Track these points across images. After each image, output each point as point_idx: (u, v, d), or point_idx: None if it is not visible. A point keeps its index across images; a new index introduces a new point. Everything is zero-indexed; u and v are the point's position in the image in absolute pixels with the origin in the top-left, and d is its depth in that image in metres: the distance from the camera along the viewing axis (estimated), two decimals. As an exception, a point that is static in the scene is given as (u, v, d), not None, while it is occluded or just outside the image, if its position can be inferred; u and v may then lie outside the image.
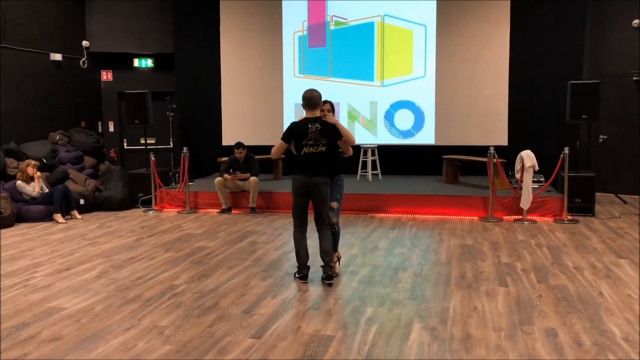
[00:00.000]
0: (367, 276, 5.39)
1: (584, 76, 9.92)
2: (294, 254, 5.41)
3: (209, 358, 3.64)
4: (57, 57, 10.38)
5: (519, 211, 8.01)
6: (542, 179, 8.94)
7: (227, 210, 8.90)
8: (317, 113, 5.10)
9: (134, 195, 9.57)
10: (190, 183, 9.69)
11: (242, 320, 4.30)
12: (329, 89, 10.83)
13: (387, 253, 6.29)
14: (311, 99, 5.06)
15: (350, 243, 6.77)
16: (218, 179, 8.88)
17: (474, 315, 4.34)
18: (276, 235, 7.29)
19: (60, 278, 5.47)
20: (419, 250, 6.39)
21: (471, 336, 3.94)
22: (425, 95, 10.62)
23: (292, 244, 6.46)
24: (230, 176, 8.78)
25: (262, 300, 4.75)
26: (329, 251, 5.15)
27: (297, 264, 5.28)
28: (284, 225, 7.87)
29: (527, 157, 7.77)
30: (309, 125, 5.03)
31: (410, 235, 7.18)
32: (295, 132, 5.09)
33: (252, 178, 8.71)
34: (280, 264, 5.89)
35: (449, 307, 4.53)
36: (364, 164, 10.32)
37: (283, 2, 11.01)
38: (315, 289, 5.03)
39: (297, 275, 5.29)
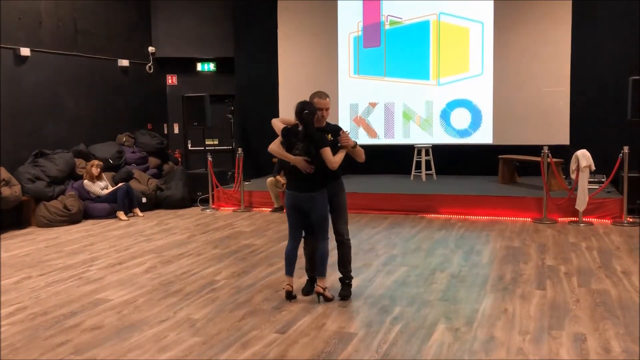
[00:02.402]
0: (403, 276, 5.40)
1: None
2: (336, 251, 5.14)
3: (231, 350, 3.80)
4: (124, 63, 10.97)
5: (575, 213, 7.73)
6: (603, 180, 8.56)
7: (279, 209, 9.11)
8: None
9: (193, 194, 9.98)
10: (247, 182, 9.99)
11: (270, 315, 4.44)
12: (384, 88, 10.86)
13: (428, 254, 6.26)
14: None
15: (393, 243, 6.78)
16: (270, 178, 9.12)
17: (502, 318, 4.27)
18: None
19: (111, 272, 5.82)
20: (462, 252, 6.31)
21: (494, 338, 3.89)
22: (482, 94, 10.41)
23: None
24: (282, 179, 8.99)
25: (303, 295, 4.84)
26: None
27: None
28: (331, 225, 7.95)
29: (583, 157, 7.49)
30: None
31: (457, 237, 7.09)
32: None
33: (303, 178, 8.86)
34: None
35: (478, 309, 4.48)
36: (418, 164, 10.25)
37: (338, 4, 11.10)
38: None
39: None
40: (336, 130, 4.71)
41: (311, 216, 4.66)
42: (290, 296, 4.73)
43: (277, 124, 4.87)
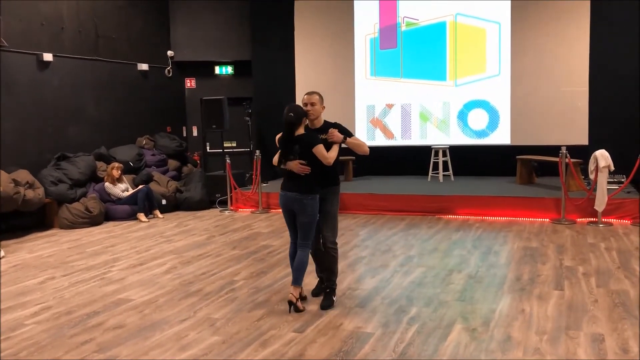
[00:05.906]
0: (420, 277, 5.43)
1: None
2: (353, 252, 5.37)
3: (250, 349, 3.87)
4: (144, 67, 11.12)
5: (594, 213, 7.68)
6: (623, 180, 8.49)
7: (297, 211, 9.16)
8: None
9: (211, 196, 10.09)
10: (264, 184, 10.08)
11: (288, 315, 4.50)
12: (401, 89, 10.89)
13: (445, 255, 6.27)
14: None
15: (410, 244, 6.80)
16: (288, 180, 9.17)
17: (520, 318, 4.28)
18: (339, 235, 7.42)
19: (133, 272, 5.93)
20: (479, 253, 6.31)
21: (511, 338, 3.90)
22: (500, 94, 10.39)
23: (353, 242, 6.65)
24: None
25: (312, 296, 4.92)
26: None
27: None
28: (348, 225, 8.01)
29: (602, 157, 7.44)
30: None
31: (474, 238, 7.09)
32: None
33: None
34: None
35: (495, 309, 4.49)
36: (435, 165, 10.25)
37: (355, 5, 11.16)
38: (365, 288, 5.14)
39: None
40: (334, 128, 4.59)
41: (297, 218, 4.54)
42: (292, 306, 4.50)
43: (278, 137, 4.80)
